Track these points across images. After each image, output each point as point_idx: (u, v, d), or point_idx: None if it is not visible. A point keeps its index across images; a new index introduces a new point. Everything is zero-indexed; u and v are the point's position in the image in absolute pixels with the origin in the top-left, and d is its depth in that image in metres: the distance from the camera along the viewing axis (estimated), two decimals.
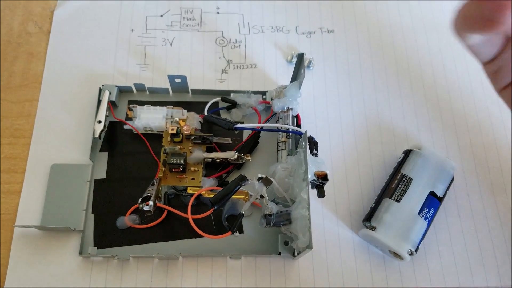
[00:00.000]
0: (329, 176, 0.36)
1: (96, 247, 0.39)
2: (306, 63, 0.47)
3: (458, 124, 0.47)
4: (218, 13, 0.51)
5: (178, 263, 0.39)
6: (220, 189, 0.37)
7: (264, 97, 0.45)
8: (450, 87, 0.49)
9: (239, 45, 0.50)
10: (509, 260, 0.42)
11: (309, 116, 0.46)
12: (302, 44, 0.50)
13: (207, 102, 0.44)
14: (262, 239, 0.40)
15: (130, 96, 0.46)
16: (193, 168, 0.41)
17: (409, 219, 0.38)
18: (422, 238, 0.39)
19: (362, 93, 0.48)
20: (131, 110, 0.42)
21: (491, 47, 0.26)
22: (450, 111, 0.48)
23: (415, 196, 0.39)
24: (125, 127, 0.43)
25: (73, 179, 0.41)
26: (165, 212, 0.40)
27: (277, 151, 0.43)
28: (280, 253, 0.39)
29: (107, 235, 0.40)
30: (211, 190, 0.39)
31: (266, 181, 0.36)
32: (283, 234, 0.38)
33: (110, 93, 0.43)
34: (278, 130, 0.43)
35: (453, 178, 0.42)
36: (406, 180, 0.40)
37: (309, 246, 0.32)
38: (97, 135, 0.41)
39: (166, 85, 0.45)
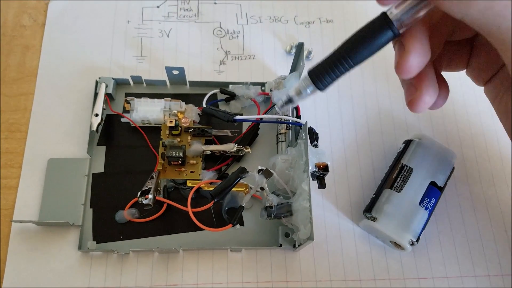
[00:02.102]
0: (329, 167, 0.35)
1: (95, 242, 0.38)
2: (305, 53, 0.47)
3: (458, 113, 0.47)
4: (215, 3, 0.50)
5: (178, 256, 0.39)
6: (219, 181, 0.37)
7: (263, 88, 0.45)
8: (450, 76, 0.49)
9: (237, 36, 0.49)
10: (510, 248, 0.42)
11: (308, 107, 0.46)
12: (301, 34, 0.50)
13: (205, 94, 0.44)
14: (262, 231, 0.40)
15: (127, 89, 0.45)
16: (192, 161, 0.40)
17: (410, 209, 0.38)
18: (423, 228, 0.39)
19: (362, 84, 0.48)
20: (128, 102, 0.42)
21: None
22: (450, 100, 0.47)
23: (416, 186, 0.39)
24: (123, 120, 0.42)
25: (71, 173, 0.41)
26: (165, 206, 0.39)
27: (276, 143, 0.42)
28: (281, 245, 0.38)
29: (106, 229, 0.39)
30: (210, 183, 0.39)
31: (266, 173, 0.35)
32: (283, 226, 0.38)
33: (106, 86, 0.43)
34: (278, 121, 0.42)
35: (453, 168, 0.41)
36: (406, 170, 0.40)
37: (310, 238, 0.32)
38: (94, 129, 0.40)
39: (164, 77, 0.44)
